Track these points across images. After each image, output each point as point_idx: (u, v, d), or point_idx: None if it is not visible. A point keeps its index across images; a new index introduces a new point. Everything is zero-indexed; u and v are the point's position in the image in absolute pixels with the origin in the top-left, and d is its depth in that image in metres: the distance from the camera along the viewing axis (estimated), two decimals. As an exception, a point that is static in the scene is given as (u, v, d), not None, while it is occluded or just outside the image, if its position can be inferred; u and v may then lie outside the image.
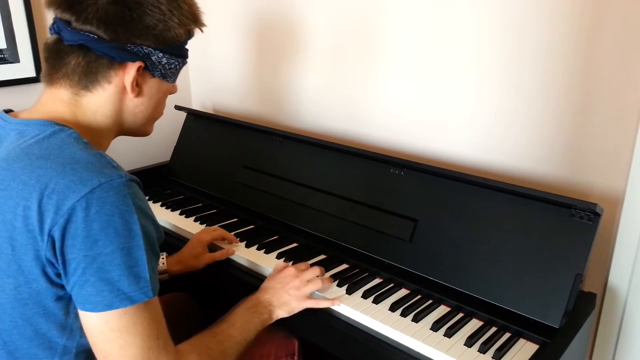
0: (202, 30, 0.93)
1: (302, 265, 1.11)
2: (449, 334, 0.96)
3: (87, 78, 0.82)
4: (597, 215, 0.98)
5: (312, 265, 1.14)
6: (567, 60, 1.11)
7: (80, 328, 0.77)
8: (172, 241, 1.36)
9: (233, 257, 1.25)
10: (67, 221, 0.69)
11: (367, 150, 1.29)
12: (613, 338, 1.15)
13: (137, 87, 0.85)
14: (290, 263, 1.19)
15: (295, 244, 1.30)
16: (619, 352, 1.15)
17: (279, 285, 1.05)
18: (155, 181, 1.70)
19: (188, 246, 1.26)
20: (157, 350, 0.75)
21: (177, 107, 1.79)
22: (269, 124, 1.71)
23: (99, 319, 0.72)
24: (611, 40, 1.05)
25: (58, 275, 0.73)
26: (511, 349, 0.94)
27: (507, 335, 0.98)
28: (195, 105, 2.04)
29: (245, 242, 1.29)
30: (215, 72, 1.91)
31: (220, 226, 1.38)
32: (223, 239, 1.29)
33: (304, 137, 1.42)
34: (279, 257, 1.22)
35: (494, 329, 0.99)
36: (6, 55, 1.50)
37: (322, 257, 1.24)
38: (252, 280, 1.16)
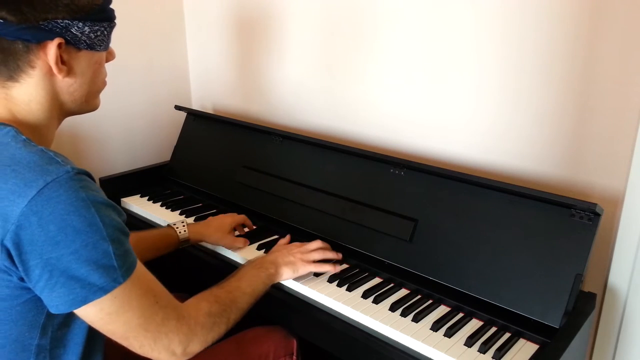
0: None
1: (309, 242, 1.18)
2: (449, 334, 0.96)
3: (8, 67, 0.75)
4: (597, 215, 0.97)
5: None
6: (566, 60, 1.11)
7: (53, 324, 0.77)
8: (172, 241, 1.36)
9: (233, 257, 1.25)
10: (19, 228, 0.66)
11: (367, 150, 1.29)
12: (613, 338, 1.15)
13: (65, 65, 0.78)
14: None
15: (295, 244, 1.30)
16: (619, 352, 1.15)
17: (284, 249, 1.12)
18: (155, 181, 1.70)
19: (218, 219, 1.29)
20: (160, 311, 0.77)
21: (177, 107, 1.79)
22: (269, 124, 1.71)
23: (93, 309, 0.72)
24: (611, 40, 1.05)
25: (21, 279, 0.71)
26: (511, 349, 0.94)
27: (507, 335, 0.98)
28: (195, 105, 2.04)
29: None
30: (215, 72, 1.91)
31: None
32: (244, 225, 1.34)
33: (304, 137, 1.42)
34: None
35: (494, 329, 0.99)
36: None
37: (322, 257, 1.24)
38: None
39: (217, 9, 1.80)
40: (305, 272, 1.10)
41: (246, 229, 1.35)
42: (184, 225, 1.23)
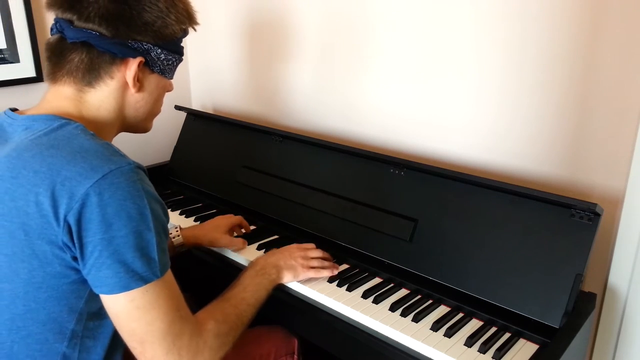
0: (195, 29, 0.97)
1: (308, 244, 1.17)
2: (449, 334, 0.96)
3: (90, 74, 0.84)
4: (597, 215, 0.98)
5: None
6: (567, 60, 1.11)
7: (89, 314, 0.80)
8: (172, 241, 1.36)
9: (234, 257, 1.25)
10: (82, 206, 0.72)
11: (367, 150, 1.29)
12: (613, 338, 1.15)
13: (138, 82, 0.88)
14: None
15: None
16: (619, 352, 1.15)
17: (286, 252, 1.12)
18: (155, 181, 1.68)
19: (211, 222, 1.29)
20: (180, 321, 0.79)
21: (177, 107, 1.79)
22: (269, 124, 1.71)
23: (125, 299, 0.75)
24: (611, 41, 1.05)
25: (74, 258, 0.75)
26: (511, 349, 0.94)
27: (507, 335, 0.98)
28: (195, 105, 2.04)
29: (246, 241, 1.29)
30: (215, 73, 1.91)
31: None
32: (241, 226, 1.33)
33: (303, 137, 1.42)
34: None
35: (494, 329, 0.99)
36: (6, 55, 1.50)
37: (322, 257, 1.24)
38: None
39: (217, 9, 1.80)
40: (304, 278, 1.09)
41: (243, 230, 1.34)
42: (177, 231, 1.23)
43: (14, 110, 0.87)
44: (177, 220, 1.43)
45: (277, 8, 1.63)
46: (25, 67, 1.54)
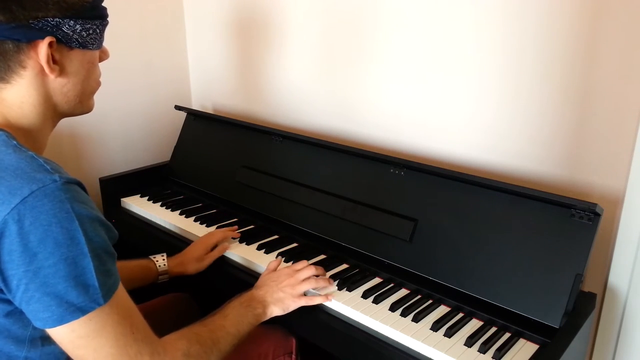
0: None
1: (299, 264, 1.10)
2: (449, 334, 0.96)
3: None
4: (597, 215, 0.97)
5: (312, 264, 1.14)
6: (567, 60, 1.11)
7: (41, 338, 0.74)
8: (173, 241, 1.36)
9: (233, 257, 1.25)
10: (0, 236, 0.64)
11: (367, 150, 1.29)
12: (613, 338, 1.15)
13: (57, 65, 0.76)
14: (282, 259, 1.20)
15: (295, 244, 1.30)
16: (619, 352, 1.15)
17: (273, 282, 1.04)
18: (155, 181, 1.70)
19: (191, 249, 1.24)
20: (135, 344, 0.73)
21: (177, 107, 1.79)
22: (269, 124, 1.71)
23: (64, 330, 0.69)
24: (611, 40, 1.05)
25: (1, 290, 0.69)
26: (511, 349, 0.94)
27: (507, 335, 0.98)
28: (195, 105, 2.04)
29: (245, 242, 1.29)
30: (215, 72, 1.91)
31: (220, 226, 1.38)
32: (226, 238, 1.29)
33: (303, 137, 1.42)
34: (278, 257, 1.22)
35: (494, 329, 0.99)
36: None
37: (322, 257, 1.24)
38: (252, 280, 1.16)
39: (217, 9, 1.80)
40: (295, 308, 1.02)
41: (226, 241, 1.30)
42: (164, 259, 1.20)
43: None
44: (177, 220, 1.43)
45: (277, 8, 1.63)
46: None
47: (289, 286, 1.03)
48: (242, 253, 1.24)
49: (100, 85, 0.87)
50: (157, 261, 1.19)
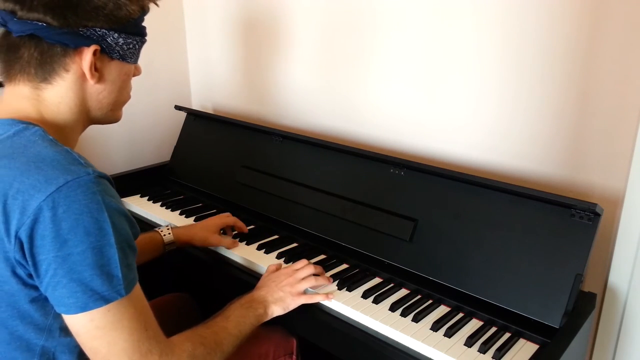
0: (156, 4, 0.88)
1: (298, 263, 1.11)
2: (449, 334, 0.96)
3: (44, 69, 0.79)
4: (597, 215, 0.97)
5: (312, 264, 1.14)
6: (567, 60, 1.11)
7: (60, 328, 0.76)
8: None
9: (233, 257, 1.25)
10: (34, 222, 0.68)
11: (367, 150, 1.29)
12: (613, 338, 1.15)
13: (97, 72, 0.81)
14: (282, 261, 1.20)
15: (295, 244, 1.30)
16: (619, 352, 1.15)
17: (273, 283, 1.05)
18: (155, 181, 1.70)
19: (202, 221, 1.28)
20: (147, 341, 0.75)
21: (177, 107, 1.79)
22: (269, 124, 1.71)
23: (84, 318, 0.71)
24: (611, 40, 1.05)
25: (30, 276, 0.71)
26: (511, 349, 0.94)
27: (507, 335, 0.98)
28: (195, 105, 2.04)
29: (245, 242, 1.29)
30: (216, 73, 1.91)
31: (220, 226, 1.38)
32: (234, 227, 1.32)
33: (303, 137, 1.42)
34: (279, 257, 1.22)
35: (494, 329, 0.99)
36: None
37: (322, 257, 1.24)
38: (252, 280, 1.16)
39: (218, 9, 1.80)
40: (296, 306, 1.03)
41: (235, 232, 1.32)
42: (168, 229, 1.22)
43: None
44: (176, 220, 1.43)
45: (278, 8, 1.63)
46: None
47: (289, 285, 1.04)
48: (242, 253, 1.24)
49: (129, 98, 0.92)
50: (162, 232, 1.22)
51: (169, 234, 1.22)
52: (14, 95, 0.80)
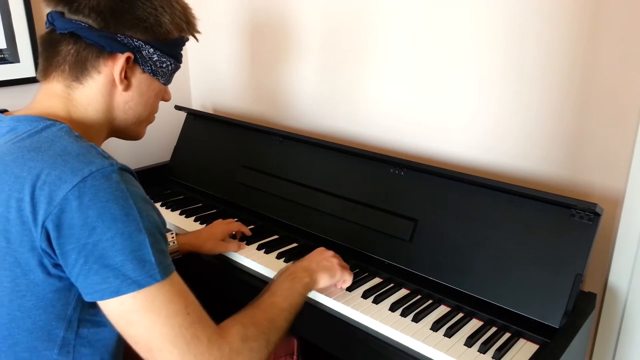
0: (196, 38, 0.94)
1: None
2: (449, 334, 0.96)
3: (77, 67, 0.82)
4: (597, 215, 0.98)
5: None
6: (567, 60, 1.11)
7: (79, 320, 0.77)
8: (172, 241, 1.36)
9: (233, 257, 1.25)
10: (61, 211, 0.69)
11: (367, 150, 1.29)
12: (613, 338, 1.15)
13: (126, 79, 0.84)
14: (282, 261, 1.19)
15: (295, 244, 1.30)
16: (619, 352, 1.15)
17: (317, 256, 1.06)
18: (155, 181, 1.70)
19: (210, 228, 1.27)
20: (191, 326, 0.73)
21: (177, 107, 1.79)
22: (269, 124, 1.71)
23: (116, 303, 0.71)
24: (611, 40, 1.05)
25: (55, 266, 0.72)
26: (511, 349, 0.94)
27: (507, 335, 0.98)
28: (195, 105, 2.04)
29: (245, 242, 1.29)
30: (216, 72, 1.91)
31: (220, 226, 1.38)
32: (238, 232, 1.31)
33: (303, 137, 1.42)
34: (279, 257, 1.22)
35: (494, 329, 0.99)
36: (6, 55, 1.50)
37: (322, 257, 1.24)
38: (252, 280, 1.17)
39: (218, 9, 1.80)
40: (341, 278, 1.04)
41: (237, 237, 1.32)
42: (172, 237, 1.21)
43: (3, 111, 0.85)
44: (177, 220, 1.43)
45: (278, 8, 1.63)
46: (25, 67, 1.54)
47: (334, 258, 1.06)
48: (242, 253, 1.24)
49: (154, 120, 0.95)
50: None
51: (174, 242, 1.20)
52: (47, 93, 0.84)
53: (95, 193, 0.70)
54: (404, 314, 1.01)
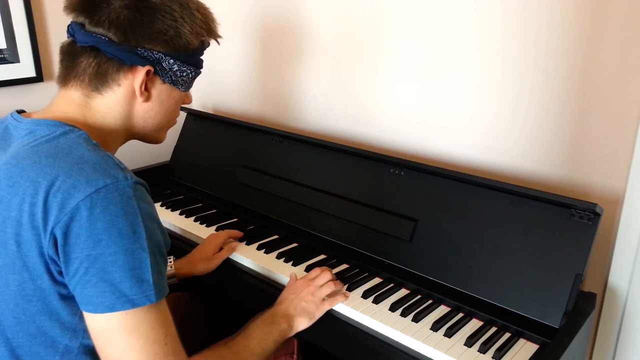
0: (217, 42, 0.94)
1: (312, 272, 1.09)
2: (449, 334, 0.96)
3: (97, 79, 0.83)
4: (597, 215, 0.98)
5: (313, 266, 1.14)
6: (567, 60, 1.11)
7: (84, 330, 0.76)
8: (173, 241, 1.35)
9: (234, 258, 1.25)
10: (71, 220, 0.69)
11: (367, 150, 1.29)
12: (613, 338, 1.15)
13: (147, 91, 0.85)
14: (291, 264, 1.19)
15: (295, 244, 1.30)
16: (619, 352, 1.15)
17: (292, 295, 1.03)
18: (155, 181, 1.70)
19: (199, 250, 1.24)
20: (164, 357, 0.73)
21: (177, 107, 1.78)
22: (269, 124, 1.71)
23: (102, 319, 0.71)
24: (611, 40, 1.05)
25: (60, 273, 0.73)
26: (511, 349, 0.94)
27: (507, 335, 0.98)
28: (195, 105, 2.04)
29: (245, 242, 1.29)
30: (216, 72, 1.91)
31: (220, 226, 1.38)
32: (230, 238, 1.29)
33: (304, 137, 1.42)
34: (278, 257, 1.22)
35: (494, 329, 0.99)
36: (6, 55, 1.50)
37: (322, 257, 1.24)
38: (252, 281, 1.17)
39: (218, 9, 1.80)
40: (322, 314, 1.01)
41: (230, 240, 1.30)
42: (170, 262, 1.19)
43: (20, 112, 0.85)
44: (177, 220, 1.43)
45: (278, 8, 1.63)
46: (25, 67, 1.54)
47: (310, 294, 1.02)
48: (242, 253, 1.24)
49: (175, 123, 0.96)
50: None
51: (171, 267, 1.19)
52: (65, 99, 0.84)
53: (107, 206, 0.70)
54: (404, 314, 1.01)
